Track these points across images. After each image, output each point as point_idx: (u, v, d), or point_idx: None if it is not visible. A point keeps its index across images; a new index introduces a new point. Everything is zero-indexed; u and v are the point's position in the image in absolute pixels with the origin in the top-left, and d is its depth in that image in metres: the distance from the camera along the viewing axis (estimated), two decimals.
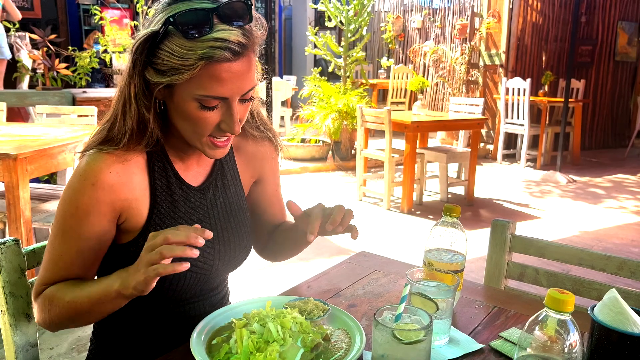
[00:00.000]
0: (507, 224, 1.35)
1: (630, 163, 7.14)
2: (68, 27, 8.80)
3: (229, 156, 1.11)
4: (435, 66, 7.99)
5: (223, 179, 1.09)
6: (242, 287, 1.65)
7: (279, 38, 10.53)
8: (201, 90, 0.86)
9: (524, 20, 7.07)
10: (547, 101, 6.38)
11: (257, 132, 1.13)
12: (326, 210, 0.99)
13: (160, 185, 0.98)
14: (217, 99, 0.88)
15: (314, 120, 5.98)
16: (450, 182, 4.93)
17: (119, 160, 0.93)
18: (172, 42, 0.85)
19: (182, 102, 0.89)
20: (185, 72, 0.85)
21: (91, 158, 0.92)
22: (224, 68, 0.85)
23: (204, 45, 0.84)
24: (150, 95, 0.90)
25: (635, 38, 7.93)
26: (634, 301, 1.18)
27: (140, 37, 0.87)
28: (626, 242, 3.96)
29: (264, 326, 0.85)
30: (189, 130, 0.92)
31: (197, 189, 1.04)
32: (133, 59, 0.89)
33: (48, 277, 0.94)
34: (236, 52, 0.86)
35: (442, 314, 0.90)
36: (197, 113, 0.89)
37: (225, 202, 1.08)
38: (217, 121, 0.90)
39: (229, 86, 0.87)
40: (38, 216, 2.52)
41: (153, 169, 0.98)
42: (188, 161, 1.03)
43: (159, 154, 0.99)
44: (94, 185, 0.90)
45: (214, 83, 0.86)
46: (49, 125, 3.26)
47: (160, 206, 0.98)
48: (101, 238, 0.94)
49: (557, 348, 0.67)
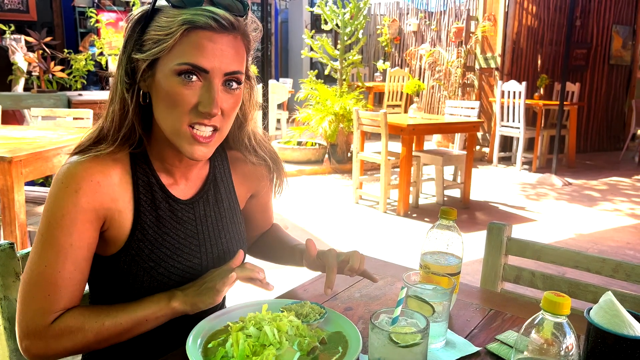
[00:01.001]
0: (503, 226, 1.36)
1: (625, 166, 7.17)
2: (64, 29, 8.79)
3: (225, 170, 1.09)
4: (431, 69, 8.02)
5: (216, 193, 1.06)
6: (238, 291, 1.63)
7: (275, 41, 10.55)
8: (181, 58, 0.84)
9: (519, 23, 7.10)
10: (542, 104, 6.41)
11: (255, 158, 1.09)
12: (340, 256, 1.03)
13: (144, 200, 0.95)
14: (196, 70, 0.85)
15: (310, 123, 5.98)
16: (446, 185, 4.93)
17: (100, 167, 0.90)
18: (160, 16, 0.86)
19: (163, 80, 0.87)
20: (168, 41, 0.84)
21: (72, 165, 0.89)
22: (206, 35, 0.84)
23: (189, 12, 0.84)
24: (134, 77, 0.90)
25: (629, 42, 7.98)
26: (629, 304, 1.18)
27: (133, 18, 0.88)
28: (621, 245, 3.97)
29: (260, 330, 0.84)
30: (168, 118, 0.88)
31: (185, 203, 1.01)
32: (124, 42, 0.90)
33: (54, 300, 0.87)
34: (222, 24, 0.84)
35: (438, 317, 0.90)
36: (176, 89, 0.85)
37: (217, 216, 1.06)
38: (196, 101, 0.86)
39: (210, 57, 0.84)
40: (33, 219, 2.51)
41: (137, 183, 0.95)
42: (176, 174, 1.00)
43: (143, 167, 0.96)
44: (77, 192, 0.87)
45: (194, 50, 0.84)
46: (44, 128, 3.25)
47: (144, 222, 0.95)
48: (90, 246, 0.91)
49: (553, 351, 0.67)
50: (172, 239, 0.98)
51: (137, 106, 0.92)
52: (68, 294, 0.89)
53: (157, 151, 0.97)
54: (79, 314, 0.89)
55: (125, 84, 0.90)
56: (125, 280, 0.95)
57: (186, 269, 0.99)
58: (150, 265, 0.95)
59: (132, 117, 0.92)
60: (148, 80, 0.90)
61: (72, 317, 0.88)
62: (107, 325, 0.88)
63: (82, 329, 0.87)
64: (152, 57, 0.87)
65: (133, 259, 0.94)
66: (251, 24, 0.92)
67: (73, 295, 0.90)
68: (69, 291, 0.89)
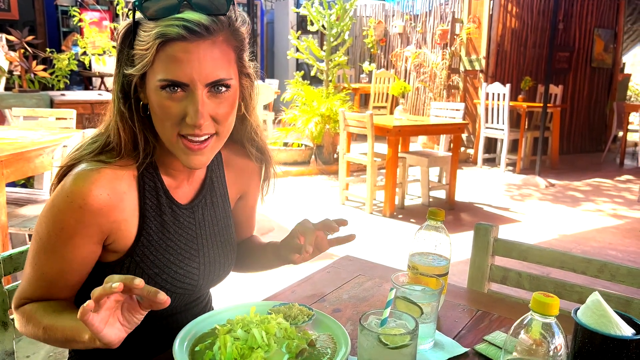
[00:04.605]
0: (490, 227, 1.36)
1: (606, 167, 7.28)
2: (46, 28, 8.66)
3: (219, 171, 1.08)
4: (416, 71, 8.06)
5: (212, 197, 1.06)
6: (225, 293, 1.63)
7: (261, 42, 10.51)
8: (160, 74, 0.82)
9: (503, 26, 7.17)
10: (526, 106, 6.48)
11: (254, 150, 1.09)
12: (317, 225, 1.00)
13: (150, 205, 0.94)
14: (176, 85, 0.82)
15: (297, 124, 5.97)
16: (431, 186, 4.96)
17: (109, 179, 0.87)
18: (141, 30, 0.84)
19: (151, 93, 0.85)
20: (147, 56, 0.82)
21: (80, 177, 0.86)
22: (179, 47, 0.81)
23: (163, 23, 0.81)
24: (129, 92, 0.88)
25: (610, 45, 8.11)
26: (614, 303, 1.19)
27: (120, 32, 0.87)
28: (604, 245, 4.03)
29: (248, 332, 0.83)
30: (161, 130, 0.87)
31: (186, 207, 1.00)
32: (117, 57, 0.89)
33: (30, 292, 0.90)
34: (194, 31, 0.80)
35: (426, 318, 0.90)
36: (163, 102, 0.83)
37: (213, 220, 1.05)
38: (183, 113, 0.84)
39: (186, 70, 0.81)
40: (14, 221, 2.46)
41: (144, 187, 0.93)
42: (179, 177, 0.99)
43: (150, 171, 0.94)
44: (81, 207, 0.84)
45: (170, 65, 0.81)
46: (26, 128, 3.19)
47: (149, 227, 0.94)
48: (85, 260, 0.89)
49: (542, 351, 0.68)
50: (175, 244, 0.97)
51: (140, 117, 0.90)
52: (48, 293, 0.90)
53: (163, 157, 0.95)
54: (35, 308, 0.88)
55: (121, 99, 0.89)
56: None
57: (186, 274, 0.99)
58: (155, 272, 0.94)
59: (139, 128, 0.90)
60: (144, 92, 0.88)
61: (29, 308, 0.88)
62: (44, 326, 0.83)
63: (29, 321, 0.86)
64: (139, 73, 0.85)
65: (137, 265, 0.93)
66: (237, 19, 0.89)
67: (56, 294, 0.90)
68: (51, 292, 0.90)
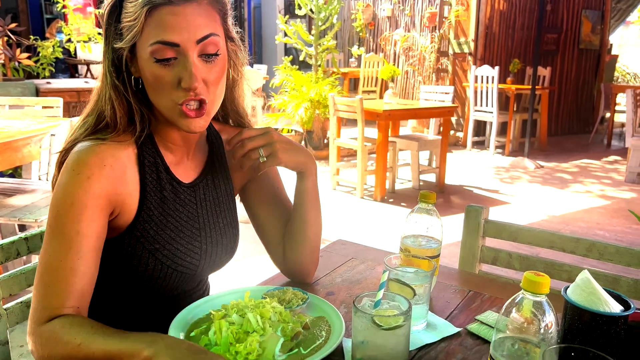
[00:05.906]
0: (480, 209, 1.38)
1: (594, 148, 7.35)
2: (29, 15, 8.51)
3: (222, 156, 1.08)
4: (405, 54, 8.03)
5: (214, 178, 1.06)
6: (220, 278, 1.63)
7: (248, 27, 10.41)
8: (150, 39, 0.85)
9: (491, 8, 7.15)
10: (514, 89, 6.50)
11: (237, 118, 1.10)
12: None
13: (150, 180, 0.95)
14: (168, 47, 0.84)
15: (286, 109, 5.95)
16: (421, 170, 4.98)
17: (111, 152, 0.88)
18: (127, 3, 0.86)
19: (143, 64, 0.87)
20: (136, 26, 0.84)
21: (83, 151, 0.87)
22: (166, 11, 0.84)
23: None
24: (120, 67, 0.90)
25: (598, 26, 8.13)
26: (602, 282, 1.20)
27: (105, 9, 0.89)
28: (592, 225, 4.09)
29: (243, 317, 0.84)
30: (158, 100, 0.89)
31: (187, 186, 1.01)
32: (104, 34, 0.89)
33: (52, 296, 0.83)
34: None
35: (419, 299, 0.91)
36: (156, 71, 0.86)
37: (215, 201, 1.06)
38: (177, 79, 0.86)
39: (176, 30, 0.84)
40: (3, 211, 2.44)
41: (143, 162, 0.94)
42: (178, 153, 1.00)
43: (149, 147, 0.95)
44: (89, 178, 0.85)
45: (159, 30, 0.84)
46: (12, 117, 3.15)
47: (150, 202, 0.94)
48: (100, 235, 0.87)
49: (533, 329, 0.69)
50: (176, 220, 0.98)
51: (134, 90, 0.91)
52: (70, 288, 0.83)
53: (160, 130, 0.97)
54: (66, 324, 0.80)
55: (113, 74, 0.90)
56: (128, 263, 0.93)
57: (187, 252, 0.99)
58: (156, 247, 0.94)
59: (134, 102, 0.91)
60: (135, 66, 0.90)
61: (57, 324, 0.81)
62: (79, 344, 0.77)
63: (59, 340, 0.79)
64: (129, 44, 0.87)
65: (138, 240, 0.93)
66: None
67: (76, 290, 0.84)
68: (71, 284, 0.83)
